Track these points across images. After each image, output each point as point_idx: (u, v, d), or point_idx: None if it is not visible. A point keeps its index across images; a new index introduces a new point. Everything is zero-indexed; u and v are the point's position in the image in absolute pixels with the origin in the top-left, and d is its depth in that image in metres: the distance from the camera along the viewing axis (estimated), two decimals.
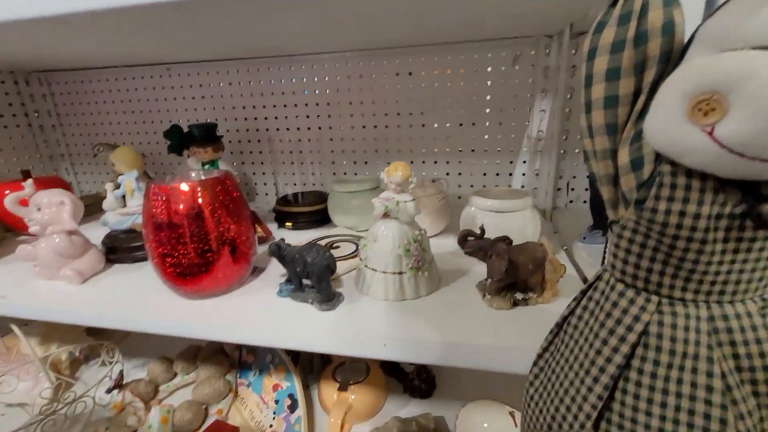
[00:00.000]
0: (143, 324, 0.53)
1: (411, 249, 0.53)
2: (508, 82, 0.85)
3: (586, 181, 0.88)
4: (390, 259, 0.53)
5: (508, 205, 0.60)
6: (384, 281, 0.53)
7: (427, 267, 0.54)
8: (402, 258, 0.53)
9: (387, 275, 0.53)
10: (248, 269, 0.60)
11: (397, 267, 0.53)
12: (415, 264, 0.53)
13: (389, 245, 0.53)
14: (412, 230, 0.54)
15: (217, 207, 0.54)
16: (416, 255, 0.53)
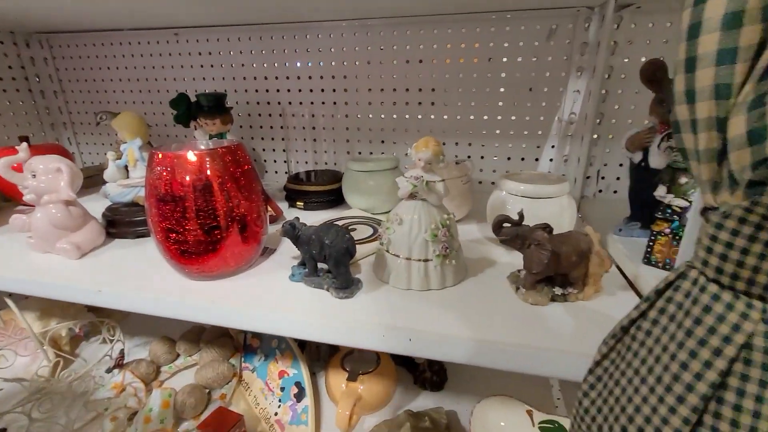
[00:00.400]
0: (143, 305, 0.49)
1: (439, 234, 0.48)
2: (540, 59, 0.79)
3: (619, 170, 0.82)
4: (415, 244, 0.48)
5: (543, 190, 0.55)
6: (407, 268, 0.49)
7: (454, 255, 0.50)
8: (429, 244, 0.48)
9: (411, 262, 0.48)
10: (258, 250, 0.56)
11: (423, 253, 0.48)
12: (442, 251, 0.48)
13: (415, 229, 0.48)
14: (441, 213, 0.49)
15: (227, 180, 0.49)
16: (444, 241, 0.48)
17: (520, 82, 0.81)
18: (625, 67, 0.75)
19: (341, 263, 0.46)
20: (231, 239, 0.50)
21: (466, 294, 0.48)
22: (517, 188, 0.56)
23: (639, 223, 0.63)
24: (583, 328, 0.41)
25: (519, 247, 0.45)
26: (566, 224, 0.56)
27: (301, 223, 0.50)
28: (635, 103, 0.77)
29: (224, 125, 0.88)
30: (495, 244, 0.62)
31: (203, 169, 0.48)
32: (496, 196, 0.60)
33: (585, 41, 0.75)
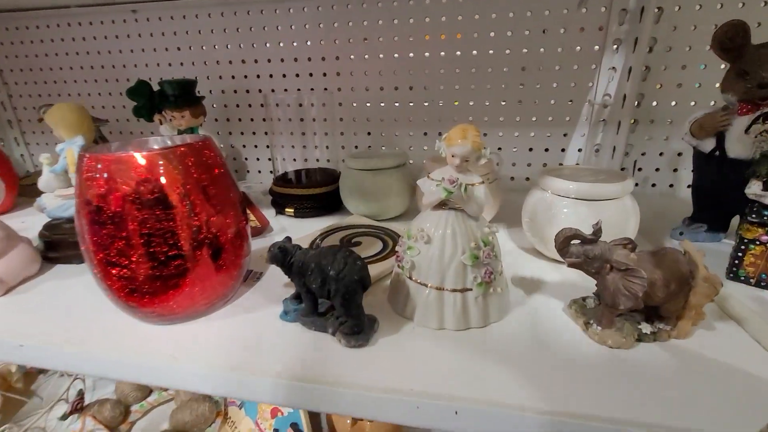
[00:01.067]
0: (79, 365, 0.36)
1: (481, 255, 0.36)
2: (570, 30, 0.67)
3: (659, 160, 0.71)
4: (450, 270, 0.36)
5: (602, 190, 0.43)
6: (439, 302, 0.36)
7: (499, 281, 0.38)
8: (467, 269, 0.36)
9: (444, 293, 0.36)
10: (238, 278, 0.43)
11: (460, 281, 0.36)
12: (485, 277, 0.36)
13: (449, 249, 0.36)
14: (481, 227, 0.37)
15: (191, 190, 0.36)
16: (487, 264, 0.36)
17: (546, 58, 0.69)
18: (672, 38, 0.64)
19: (352, 302, 0.33)
20: (199, 270, 0.37)
21: (518, 334, 0.36)
22: (567, 188, 0.44)
23: (705, 225, 0.52)
24: (699, 386, 0.30)
25: (595, 273, 0.33)
26: (631, 232, 0.45)
27: (294, 246, 0.37)
28: (681, 80, 0.66)
29: (195, 118, 0.74)
30: (533, 256, 0.51)
31: (155, 176, 0.35)
32: (537, 199, 0.48)
33: (624, 7, 0.63)
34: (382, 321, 0.38)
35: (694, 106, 0.67)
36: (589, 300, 0.37)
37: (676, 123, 0.68)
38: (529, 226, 0.49)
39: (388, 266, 0.47)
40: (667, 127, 0.69)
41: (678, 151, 0.70)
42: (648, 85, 0.67)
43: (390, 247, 0.51)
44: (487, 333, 0.37)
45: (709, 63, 0.64)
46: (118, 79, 0.87)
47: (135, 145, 0.42)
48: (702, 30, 0.62)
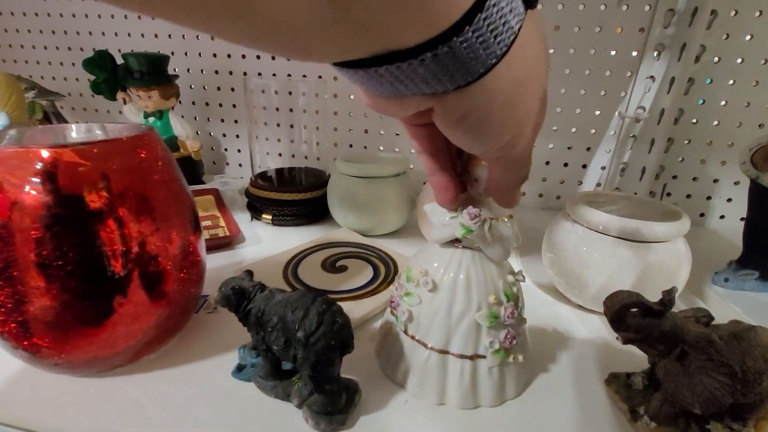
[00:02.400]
0: None
1: (501, 315, 0.27)
2: (606, 30, 0.58)
3: (692, 186, 0.63)
4: (460, 329, 0.27)
5: (654, 230, 0.34)
6: (442, 370, 0.28)
7: (521, 346, 0.29)
8: (482, 331, 0.27)
9: (450, 359, 0.27)
10: (186, 312, 0.33)
11: (471, 346, 0.27)
12: (505, 343, 0.27)
13: (460, 303, 0.27)
14: (504, 275, 0.28)
15: (119, 200, 0.27)
16: (509, 325, 0.27)
17: (575, 60, 0.60)
18: (722, 47, 0.55)
19: (325, 374, 0.24)
20: (127, 306, 0.28)
21: (541, 417, 0.28)
22: (608, 224, 0.35)
23: (757, 272, 0.44)
24: None
25: (661, 355, 0.24)
26: (682, 282, 0.36)
27: (256, 285, 0.28)
28: (728, 97, 0.57)
29: (165, 100, 0.64)
30: (555, 298, 0.42)
31: (66, 181, 0.25)
32: (565, 232, 0.39)
33: (672, 8, 0.54)
34: (366, 384, 0.29)
35: (739, 128, 0.58)
36: (636, 378, 0.29)
37: (716, 145, 0.60)
38: (551, 262, 0.40)
39: (379, 304, 0.37)
40: (704, 149, 0.61)
41: (714, 177, 0.62)
42: (689, 99, 0.59)
43: (382, 275, 0.42)
44: (501, 414, 0.28)
45: (762, 79, 0.55)
46: (81, 47, 0.76)
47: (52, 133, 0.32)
48: (759, 40, 0.54)
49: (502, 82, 0.14)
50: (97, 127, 0.32)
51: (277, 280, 0.41)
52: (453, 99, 0.15)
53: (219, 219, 0.56)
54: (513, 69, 0.14)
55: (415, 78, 0.14)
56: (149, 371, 0.31)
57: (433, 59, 0.13)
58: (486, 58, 0.13)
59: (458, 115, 0.15)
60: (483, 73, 0.14)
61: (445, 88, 0.14)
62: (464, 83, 0.14)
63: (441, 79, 0.14)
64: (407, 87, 0.14)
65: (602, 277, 0.36)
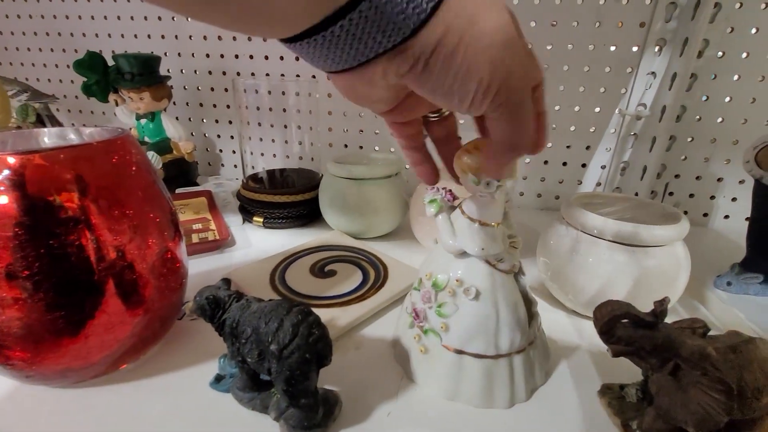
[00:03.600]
0: None
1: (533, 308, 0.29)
2: (606, 24, 0.56)
3: (695, 184, 0.61)
4: (504, 329, 0.28)
5: (651, 234, 0.33)
6: (489, 374, 0.28)
7: (539, 342, 0.29)
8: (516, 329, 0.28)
9: (490, 363, 0.28)
10: (166, 320, 0.32)
11: (520, 338, 0.29)
12: (525, 343, 0.29)
13: (505, 306, 0.28)
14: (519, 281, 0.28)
15: (88, 206, 0.26)
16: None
17: (573, 56, 0.58)
18: (727, 42, 0.53)
19: (300, 388, 0.23)
20: (102, 315, 0.27)
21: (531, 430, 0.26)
22: (603, 227, 0.34)
23: (761, 276, 0.42)
24: None
25: (653, 369, 0.23)
26: (680, 288, 0.35)
27: (231, 294, 0.27)
28: (733, 93, 0.55)
29: (157, 101, 0.63)
30: (549, 303, 0.41)
31: (32, 189, 0.24)
32: (560, 236, 0.37)
33: (673, 1, 0.53)
34: (349, 395, 0.28)
35: (744, 125, 0.56)
36: (629, 390, 0.27)
37: (720, 143, 0.58)
38: (545, 266, 0.39)
39: (366, 311, 0.36)
40: (708, 147, 0.59)
41: (718, 176, 0.60)
42: (692, 95, 0.57)
43: (371, 280, 0.41)
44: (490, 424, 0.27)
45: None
46: (75, 49, 0.75)
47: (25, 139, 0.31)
48: (765, 34, 0.52)
49: (442, 27, 0.15)
50: (72, 131, 0.31)
51: (264, 285, 0.40)
52: (408, 52, 0.16)
53: (210, 222, 0.55)
54: (445, 25, 0.15)
55: (364, 34, 0.15)
56: (127, 381, 0.30)
57: (369, 10, 0.14)
58: (403, 20, 0.15)
59: (421, 64, 0.16)
60: (424, 21, 0.15)
61: (394, 40, 0.15)
62: (409, 33, 0.15)
63: (366, 41, 0.15)
64: (365, 45, 0.15)
65: (597, 282, 0.34)
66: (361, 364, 0.32)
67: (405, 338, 0.31)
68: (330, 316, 0.35)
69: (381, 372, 0.31)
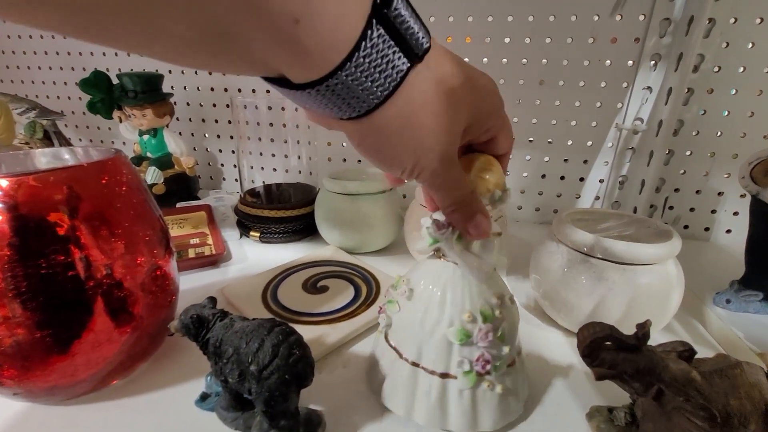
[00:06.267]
0: None
1: (474, 333, 0.25)
2: (600, 40, 0.56)
3: (695, 198, 0.60)
4: (430, 342, 0.26)
5: (642, 252, 0.32)
6: (412, 382, 0.27)
7: (502, 377, 0.27)
8: (453, 348, 0.26)
9: (419, 373, 0.27)
10: (155, 337, 0.33)
11: (442, 363, 0.26)
12: (478, 367, 0.26)
13: (433, 314, 0.26)
14: (486, 294, 0.27)
15: (79, 226, 0.26)
16: (485, 347, 0.26)
17: (569, 72, 0.58)
18: (722, 56, 0.53)
19: (279, 409, 0.23)
20: (90, 333, 0.27)
21: None
22: (592, 245, 0.34)
23: (761, 294, 0.42)
24: None
25: (638, 393, 0.23)
26: (673, 308, 0.34)
27: (216, 313, 0.27)
28: (730, 107, 0.55)
29: (159, 118, 0.65)
30: (542, 321, 0.40)
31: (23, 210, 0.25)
32: (550, 253, 0.37)
33: (667, 17, 0.53)
34: (334, 414, 0.28)
35: (743, 138, 0.56)
36: (618, 413, 0.27)
37: (719, 157, 0.57)
38: (538, 283, 0.39)
39: (356, 328, 0.36)
40: (707, 161, 0.58)
41: (718, 190, 0.59)
42: (688, 110, 0.56)
43: (362, 296, 0.41)
44: None
45: (766, 88, 0.53)
46: (83, 67, 0.78)
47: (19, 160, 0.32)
48: (761, 48, 0.51)
49: (387, 119, 0.18)
50: (66, 151, 0.32)
51: (255, 302, 0.40)
52: (350, 126, 0.18)
53: (207, 237, 0.56)
54: (399, 109, 0.17)
55: (314, 102, 0.17)
56: (113, 399, 0.30)
57: (317, 92, 0.16)
58: (366, 99, 0.17)
59: (357, 140, 0.19)
60: (370, 110, 0.17)
61: (340, 115, 0.18)
62: (355, 115, 0.17)
63: (332, 108, 0.17)
64: (318, 106, 0.17)
65: (588, 300, 0.34)
66: (349, 382, 0.32)
67: (376, 348, 0.32)
68: (319, 333, 0.35)
69: (368, 391, 0.31)
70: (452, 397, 0.27)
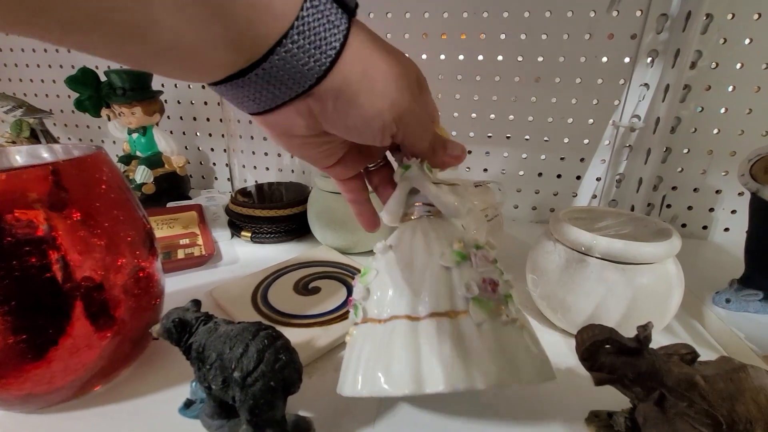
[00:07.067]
0: None
1: (470, 256, 0.24)
2: (597, 37, 0.55)
3: (693, 197, 0.60)
4: (424, 281, 0.23)
5: (641, 251, 0.32)
6: (414, 341, 0.22)
7: (517, 310, 0.25)
8: (452, 276, 0.23)
9: (422, 325, 0.22)
10: (138, 342, 0.31)
11: (445, 298, 0.22)
12: (487, 290, 0.23)
13: (422, 256, 0.24)
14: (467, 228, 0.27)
15: (54, 225, 0.25)
16: (484, 271, 0.23)
17: (565, 69, 0.58)
18: (720, 52, 0.52)
19: (264, 417, 0.22)
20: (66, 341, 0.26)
21: None
22: (591, 244, 0.33)
23: (761, 293, 0.41)
24: None
25: (639, 398, 0.22)
26: (673, 308, 0.33)
27: (200, 317, 0.26)
28: (728, 104, 0.54)
29: (148, 115, 0.63)
30: (540, 322, 0.39)
31: None
32: (547, 252, 0.36)
33: (664, 12, 0.52)
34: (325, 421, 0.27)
35: (741, 136, 0.55)
36: (618, 418, 0.26)
37: (717, 155, 0.57)
38: (534, 284, 0.38)
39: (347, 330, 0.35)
40: (705, 159, 0.58)
41: (716, 188, 0.59)
42: (686, 107, 0.56)
43: None
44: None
45: (764, 85, 0.52)
46: (72, 64, 0.76)
47: None
48: (759, 44, 0.51)
49: (341, 77, 0.18)
50: (44, 149, 0.31)
51: (245, 303, 0.39)
52: (315, 96, 0.18)
53: (198, 237, 0.54)
54: (343, 76, 0.18)
55: (268, 85, 0.17)
56: (94, 406, 0.29)
57: (263, 72, 0.17)
58: (308, 72, 0.17)
59: (329, 104, 0.19)
60: (318, 80, 0.17)
61: (295, 91, 0.18)
62: (307, 87, 0.18)
63: (286, 83, 0.17)
64: (274, 91, 0.18)
65: (586, 301, 0.33)
66: None
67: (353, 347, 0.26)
68: (310, 336, 0.34)
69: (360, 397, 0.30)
70: (471, 336, 0.21)
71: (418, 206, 0.27)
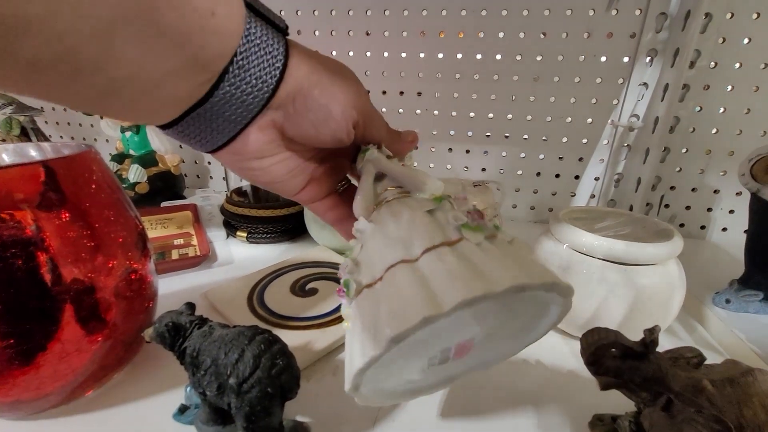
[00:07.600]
0: None
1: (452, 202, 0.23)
2: (596, 36, 0.55)
3: (691, 196, 0.60)
4: (412, 227, 0.21)
5: (643, 252, 0.31)
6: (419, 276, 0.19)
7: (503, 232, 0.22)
8: (437, 215, 0.22)
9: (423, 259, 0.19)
10: (130, 345, 0.31)
11: (438, 232, 0.20)
12: (474, 219, 0.21)
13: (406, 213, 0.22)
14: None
15: (42, 226, 0.24)
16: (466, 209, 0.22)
17: (564, 68, 0.57)
18: (719, 52, 0.52)
19: (260, 425, 0.21)
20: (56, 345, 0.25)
21: None
22: (593, 245, 0.32)
23: (761, 293, 0.41)
24: None
25: (645, 403, 0.21)
26: (675, 309, 0.33)
27: (194, 320, 0.25)
28: (727, 104, 0.54)
29: None
30: None
31: None
32: (549, 253, 0.36)
33: (663, 11, 0.52)
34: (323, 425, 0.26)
35: (740, 136, 0.55)
36: (622, 422, 0.25)
37: (715, 154, 0.57)
38: None
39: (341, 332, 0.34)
40: (703, 159, 0.58)
41: (714, 188, 0.58)
42: (685, 106, 0.56)
43: None
44: None
45: (763, 85, 0.52)
46: None
47: None
48: (758, 44, 0.51)
49: (288, 89, 0.19)
50: (33, 147, 0.30)
51: (241, 306, 0.38)
52: (270, 112, 0.20)
53: (192, 237, 0.53)
54: (294, 79, 0.19)
55: (230, 107, 0.18)
56: (85, 412, 0.28)
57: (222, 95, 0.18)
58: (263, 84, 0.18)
59: (290, 108, 0.20)
60: (274, 91, 0.19)
61: (257, 106, 0.19)
62: (265, 101, 0.19)
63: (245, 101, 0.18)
64: (236, 113, 0.19)
65: (588, 302, 0.33)
66: (338, 391, 0.30)
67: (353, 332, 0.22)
68: (307, 339, 0.34)
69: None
70: (474, 254, 0.19)
71: (387, 192, 0.25)
